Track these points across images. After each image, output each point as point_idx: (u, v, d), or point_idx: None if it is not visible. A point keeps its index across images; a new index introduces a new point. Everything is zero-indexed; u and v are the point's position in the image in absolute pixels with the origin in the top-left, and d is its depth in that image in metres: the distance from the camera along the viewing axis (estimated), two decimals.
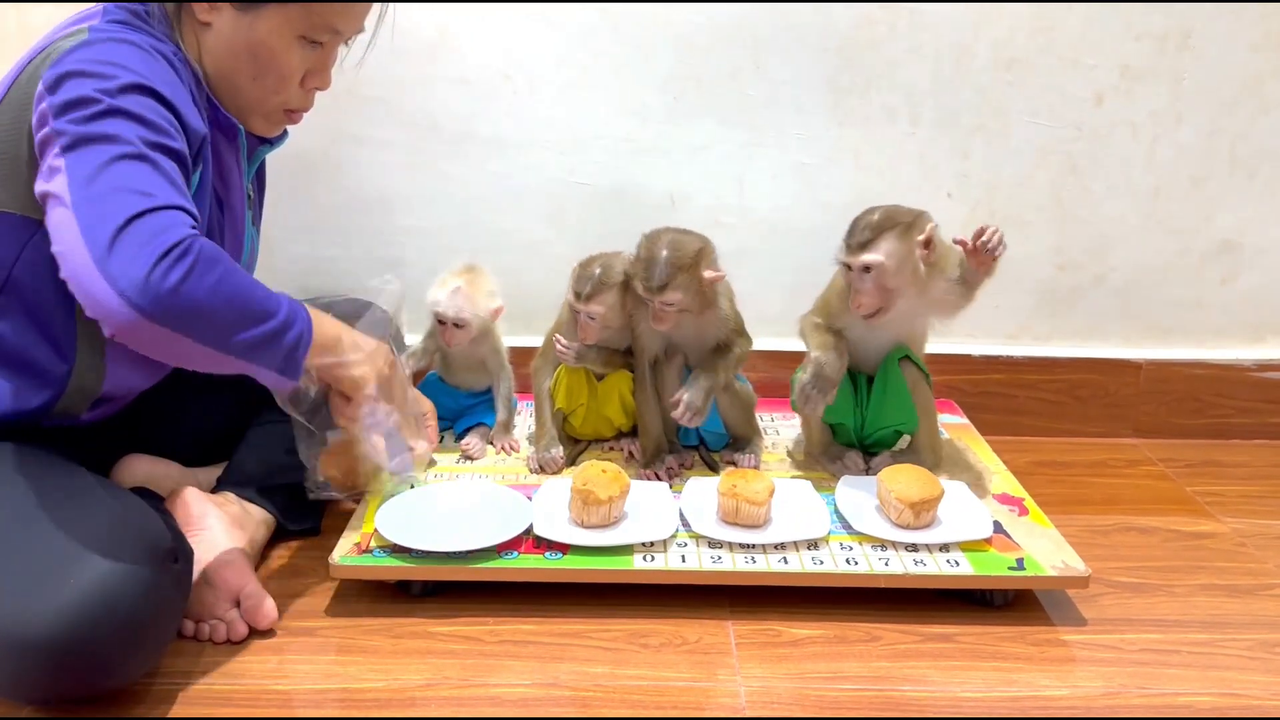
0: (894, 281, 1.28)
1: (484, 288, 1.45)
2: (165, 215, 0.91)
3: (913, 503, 1.21)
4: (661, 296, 1.30)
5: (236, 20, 1.08)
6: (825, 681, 1.07)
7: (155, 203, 0.91)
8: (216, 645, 1.10)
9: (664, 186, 1.68)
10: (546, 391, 1.45)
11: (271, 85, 1.13)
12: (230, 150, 1.17)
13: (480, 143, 1.66)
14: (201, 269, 0.91)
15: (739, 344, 1.39)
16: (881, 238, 1.27)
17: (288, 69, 1.12)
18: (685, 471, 1.42)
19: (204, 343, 0.94)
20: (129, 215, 0.89)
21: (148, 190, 0.92)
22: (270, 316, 0.98)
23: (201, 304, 0.91)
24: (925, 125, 1.66)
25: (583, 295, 1.35)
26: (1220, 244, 1.72)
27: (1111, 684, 1.08)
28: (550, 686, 1.05)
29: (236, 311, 0.95)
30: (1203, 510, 1.50)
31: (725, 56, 1.63)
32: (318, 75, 1.15)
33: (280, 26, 1.09)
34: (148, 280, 0.88)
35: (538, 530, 1.20)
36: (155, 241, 0.89)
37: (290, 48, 1.10)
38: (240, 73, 1.11)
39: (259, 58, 1.10)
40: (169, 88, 1.01)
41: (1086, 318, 1.76)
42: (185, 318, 0.91)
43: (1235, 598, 1.26)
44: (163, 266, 0.89)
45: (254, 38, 1.09)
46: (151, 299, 0.88)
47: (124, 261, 0.88)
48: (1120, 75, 1.64)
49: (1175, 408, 1.77)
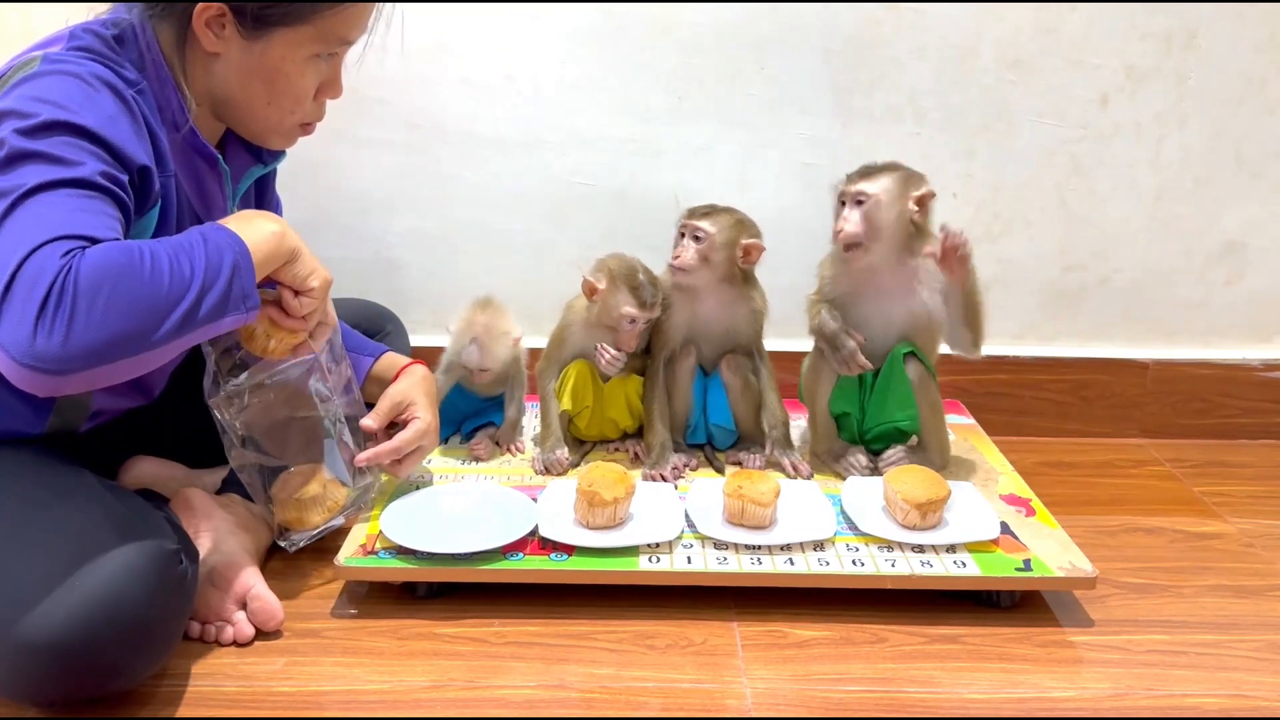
0: (880, 219, 1.31)
1: (500, 327, 1.44)
2: (36, 259, 0.85)
3: (919, 504, 1.21)
4: (698, 222, 1.35)
5: (246, 49, 1.06)
6: (831, 683, 1.06)
7: (27, 249, 0.86)
8: (222, 647, 1.10)
9: (667, 187, 1.68)
10: (551, 393, 1.45)
11: (288, 106, 1.12)
12: (212, 176, 1.15)
13: (483, 143, 1.66)
14: (84, 303, 0.85)
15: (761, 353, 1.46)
16: (882, 174, 1.33)
17: (302, 89, 1.11)
18: (690, 472, 1.42)
19: (128, 356, 0.90)
20: (7, 277, 0.85)
21: (26, 236, 0.87)
22: (185, 290, 0.92)
23: (98, 336, 0.87)
24: (929, 126, 1.66)
25: (649, 303, 1.37)
26: (1225, 244, 1.72)
27: (1119, 685, 1.07)
28: (556, 688, 1.05)
29: (143, 314, 0.89)
30: (1210, 511, 1.50)
31: (728, 57, 1.63)
32: (330, 87, 1.15)
33: (292, 49, 1.07)
34: (33, 343, 0.84)
35: (543, 532, 1.20)
36: (31, 297, 0.84)
37: (304, 68, 1.09)
38: (255, 98, 1.10)
39: (274, 83, 1.09)
40: (101, 121, 0.96)
41: (1092, 318, 1.76)
42: (89, 356, 0.87)
43: (1243, 598, 1.25)
44: (44, 322, 0.84)
45: (266, 64, 1.07)
46: (47, 360, 0.85)
47: (10, 328, 0.85)
48: (1125, 76, 1.64)
49: (1181, 408, 1.76)
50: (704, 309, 1.42)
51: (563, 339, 1.45)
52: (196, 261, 0.94)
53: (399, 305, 1.62)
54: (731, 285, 1.41)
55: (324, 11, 1.06)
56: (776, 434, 1.42)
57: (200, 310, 0.93)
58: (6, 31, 1.59)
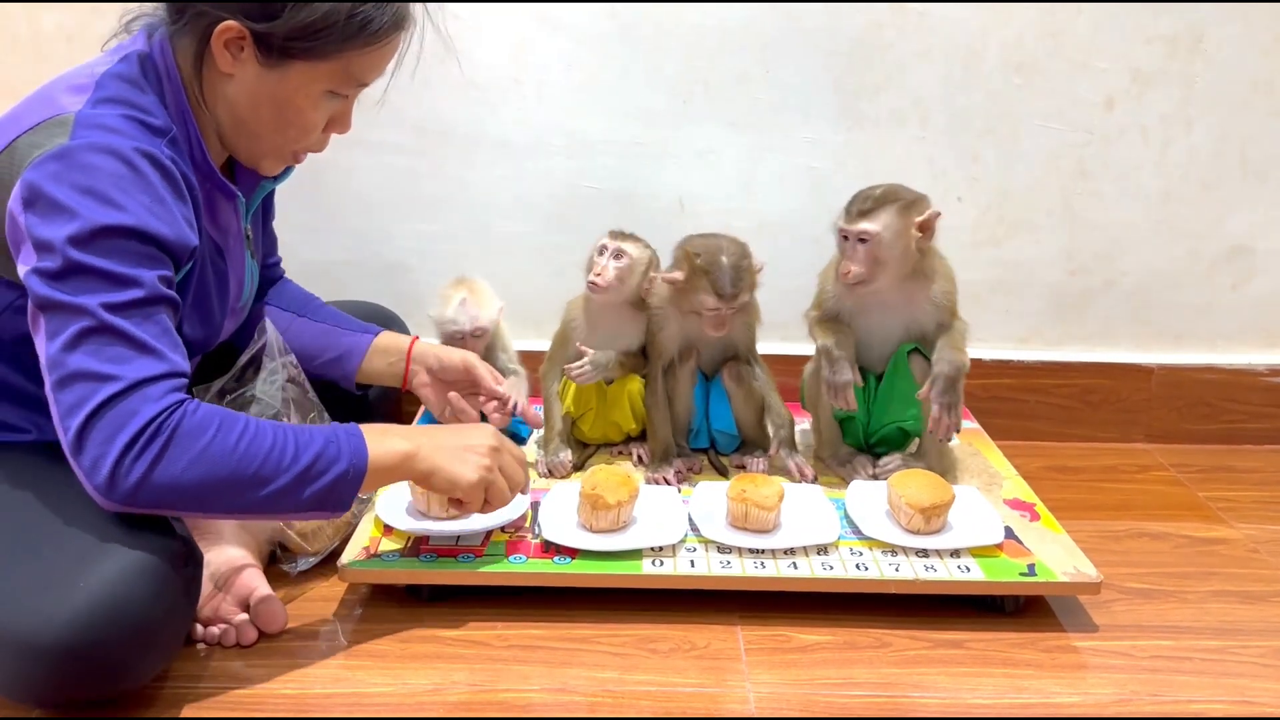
0: (885, 254, 1.30)
1: (485, 292, 1.46)
2: (130, 400, 0.91)
3: (923, 508, 1.21)
4: (735, 303, 1.33)
5: (262, 74, 1.05)
6: (835, 687, 1.06)
7: (119, 386, 0.91)
8: (226, 649, 1.10)
9: (672, 190, 1.68)
10: (555, 395, 1.45)
11: (294, 136, 1.11)
12: (228, 205, 1.14)
13: (489, 146, 1.66)
14: (175, 450, 0.92)
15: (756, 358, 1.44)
16: (882, 209, 1.30)
17: (312, 122, 1.10)
18: (694, 476, 1.42)
19: (203, 511, 0.98)
20: (91, 409, 0.90)
21: (111, 372, 0.91)
22: (275, 475, 0.96)
23: (179, 485, 0.92)
24: (935, 129, 1.66)
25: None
26: (1231, 248, 1.72)
27: (1123, 691, 1.07)
28: (559, 691, 1.05)
29: (229, 475, 0.94)
30: (1215, 516, 1.49)
31: (734, 60, 1.63)
32: (339, 122, 1.14)
33: (307, 83, 1.06)
34: (113, 478, 0.91)
35: (546, 535, 1.20)
36: (119, 435, 0.90)
37: (317, 103, 1.08)
38: (263, 124, 1.09)
39: (284, 113, 1.08)
40: (149, 213, 0.96)
41: (1097, 322, 1.75)
42: (161, 503, 0.93)
43: (1248, 604, 1.25)
44: (128, 460, 0.90)
45: (280, 93, 1.06)
46: (120, 495, 0.91)
47: (92, 459, 0.91)
48: (1131, 79, 1.63)
49: (1187, 413, 1.76)
50: (696, 323, 1.39)
51: (566, 339, 1.45)
52: (303, 452, 0.98)
53: (404, 308, 1.62)
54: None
55: (349, 52, 1.05)
56: (784, 434, 1.41)
57: (287, 499, 0.98)
58: (14, 32, 1.59)
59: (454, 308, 1.43)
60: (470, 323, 1.43)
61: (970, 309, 1.40)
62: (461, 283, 1.46)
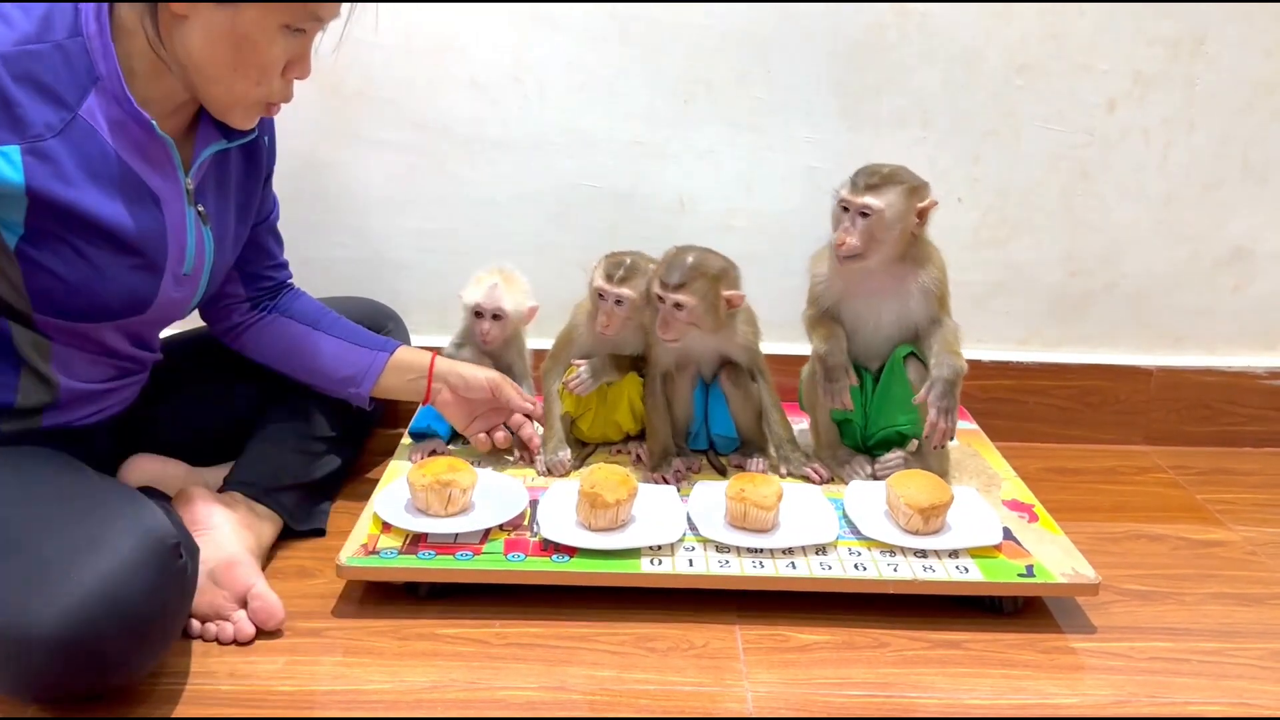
0: (884, 233, 1.30)
1: (520, 286, 1.48)
2: None
3: (922, 508, 1.21)
4: (674, 295, 1.30)
5: (215, 13, 1.04)
6: (833, 687, 1.06)
7: None
8: (223, 645, 1.10)
9: (673, 189, 1.68)
10: (555, 394, 1.45)
11: (254, 77, 1.09)
12: (154, 144, 1.10)
13: (490, 145, 1.66)
14: None
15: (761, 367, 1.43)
16: (889, 187, 1.31)
17: (270, 60, 1.08)
18: (693, 475, 1.42)
19: None
20: None
21: None
22: None
23: None
24: (936, 130, 1.66)
25: (615, 278, 1.35)
26: (1232, 250, 1.72)
27: (1121, 692, 1.07)
28: (557, 690, 1.05)
29: None
30: (1213, 518, 1.49)
31: (735, 60, 1.62)
32: (299, 65, 1.12)
33: (263, 17, 1.05)
34: None
35: (545, 533, 1.20)
36: None
37: (273, 37, 1.07)
38: (220, 65, 1.07)
39: (241, 50, 1.06)
40: None
41: (1097, 324, 1.75)
42: None
43: (1246, 606, 1.25)
44: None
45: (235, 30, 1.05)
46: None
47: None
48: (1132, 81, 1.63)
49: (1186, 415, 1.76)
50: (692, 343, 1.38)
51: (570, 340, 1.45)
52: None
53: (403, 305, 1.62)
54: (715, 325, 1.36)
55: None
56: (784, 451, 1.42)
57: None
58: None
59: (483, 289, 1.45)
60: (492, 304, 1.44)
61: (970, 310, 1.40)
62: (499, 271, 1.47)
